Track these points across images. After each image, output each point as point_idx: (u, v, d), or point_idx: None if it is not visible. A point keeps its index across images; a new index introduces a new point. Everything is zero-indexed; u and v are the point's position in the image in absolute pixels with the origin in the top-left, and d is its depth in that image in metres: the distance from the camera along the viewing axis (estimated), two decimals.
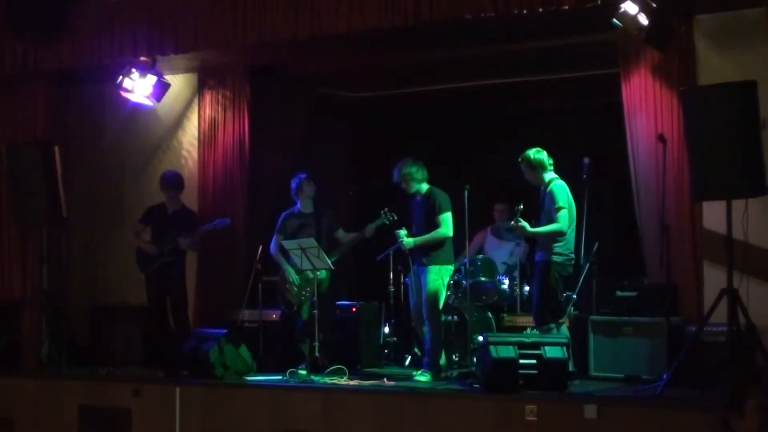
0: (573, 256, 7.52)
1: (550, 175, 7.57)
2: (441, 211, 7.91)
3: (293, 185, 8.68)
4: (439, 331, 7.96)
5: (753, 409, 3.03)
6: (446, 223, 7.92)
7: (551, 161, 7.58)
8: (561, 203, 7.36)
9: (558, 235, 7.37)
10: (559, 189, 7.44)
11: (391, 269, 9.25)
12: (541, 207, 7.56)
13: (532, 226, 7.42)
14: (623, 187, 8.23)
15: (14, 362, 9.14)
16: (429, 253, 7.97)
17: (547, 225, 7.41)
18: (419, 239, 8.00)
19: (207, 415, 7.85)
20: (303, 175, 8.68)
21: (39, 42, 9.20)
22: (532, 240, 7.76)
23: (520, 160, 7.60)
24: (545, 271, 7.40)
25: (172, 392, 7.95)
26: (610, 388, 7.06)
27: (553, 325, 7.40)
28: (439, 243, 7.95)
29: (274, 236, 8.69)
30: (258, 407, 7.64)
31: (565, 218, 7.36)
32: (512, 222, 7.46)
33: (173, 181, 9.05)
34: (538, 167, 7.52)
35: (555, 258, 7.39)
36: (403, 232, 8.13)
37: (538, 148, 7.59)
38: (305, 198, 8.66)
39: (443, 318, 8.20)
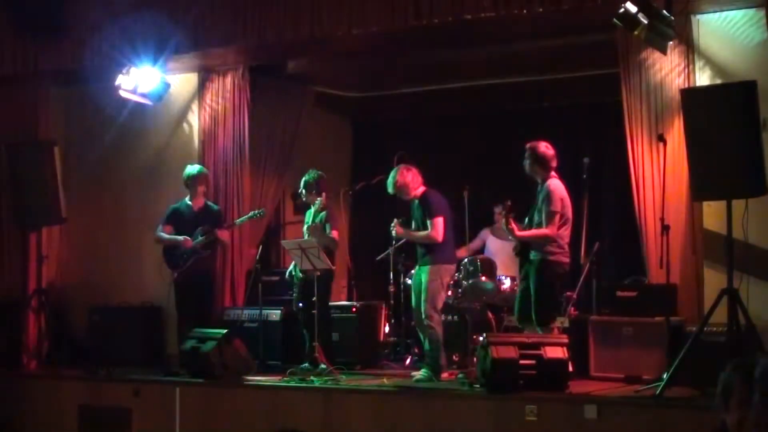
0: (568, 250, 7.38)
1: (549, 174, 7.49)
2: (432, 215, 7.87)
3: (314, 183, 8.55)
4: (439, 332, 7.95)
5: (735, 405, 3.03)
6: (435, 228, 7.88)
7: (556, 164, 7.44)
8: (554, 207, 7.20)
9: (547, 240, 7.25)
10: (555, 190, 7.28)
11: (391, 269, 9.24)
12: (535, 202, 7.48)
13: (524, 225, 7.35)
14: (623, 187, 8.22)
15: (14, 362, 9.13)
16: (429, 252, 7.94)
17: (537, 227, 7.30)
18: (406, 231, 8.03)
19: (207, 415, 7.85)
20: (320, 174, 8.56)
21: (39, 42, 9.20)
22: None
23: (527, 147, 7.43)
24: (541, 270, 7.29)
25: (172, 392, 7.95)
26: (610, 388, 7.05)
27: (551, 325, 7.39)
28: (436, 243, 7.91)
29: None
30: (258, 407, 7.64)
31: (555, 224, 7.20)
32: (504, 222, 7.39)
33: (198, 176, 8.85)
34: (542, 162, 7.39)
35: (550, 257, 7.27)
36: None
37: (548, 145, 7.46)
38: (316, 197, 8.56)
39: (443, 318, 8.19)
